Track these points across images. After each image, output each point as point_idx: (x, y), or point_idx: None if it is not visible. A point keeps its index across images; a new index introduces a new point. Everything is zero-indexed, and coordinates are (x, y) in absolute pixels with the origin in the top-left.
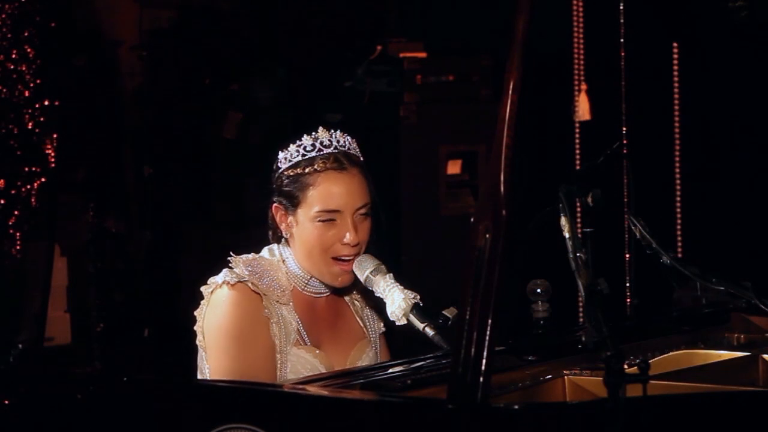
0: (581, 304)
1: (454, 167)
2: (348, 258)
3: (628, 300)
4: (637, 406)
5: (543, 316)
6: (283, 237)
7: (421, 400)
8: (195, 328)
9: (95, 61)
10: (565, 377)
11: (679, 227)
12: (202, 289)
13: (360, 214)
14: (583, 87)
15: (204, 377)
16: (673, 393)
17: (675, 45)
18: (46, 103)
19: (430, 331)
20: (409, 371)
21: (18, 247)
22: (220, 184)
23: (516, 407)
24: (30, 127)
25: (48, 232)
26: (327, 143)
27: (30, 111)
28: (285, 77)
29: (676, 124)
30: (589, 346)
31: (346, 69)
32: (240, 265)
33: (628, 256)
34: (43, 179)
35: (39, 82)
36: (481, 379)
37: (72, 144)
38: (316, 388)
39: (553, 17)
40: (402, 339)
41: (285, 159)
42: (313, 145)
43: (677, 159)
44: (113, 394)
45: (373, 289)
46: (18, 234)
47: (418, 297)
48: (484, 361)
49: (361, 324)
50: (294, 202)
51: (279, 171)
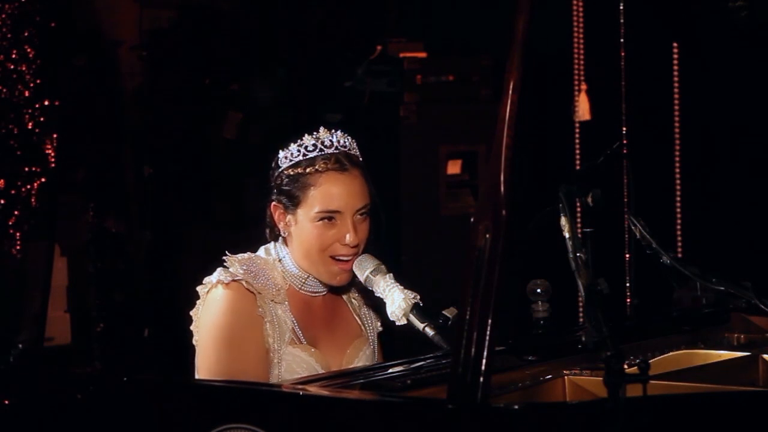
0: (581, 304)
1: (454, 167)
2: (346, 258)
3: (628, 300)
4: (637, 406)
5: (543, 316)
6: (280, 236)
7: (421, 400)
8: (191, 328)
9: (95, 61)
10: (565, 377)
11: (679, 227)
12: (198, 289)
13: (360, 214)
14: (583, 87)
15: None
16: (673, 393)
17: (675, 45)
18: (46, 103)
19: (430, 331)
20: (409, 371)
21: (18, 247)
22: (220, 184)
23: (516, 407)
24: (30, 127)
25: (48, 232)
26: (328, 143)
27: (30, 111)
28: (285, 77)
29: (676, 124)
30: (589, 346)
31: (346, 69)
32: (235, 264)
33: (628, 256)
34: (43, 179)
35: (39, 82)
36: (481, 379)
37: (72, 144)
38: (316, 388)
39: (553, 17)
40: (402, 339)
41: (285, 158)
42: (314, 145)
43: (677, 159)
44: (113, 394)
45: (373, 289)
46: (18, 234)
47: (418, 297)
48: (484, 361)
49: (359, 322)
50: (294, 201)
51: (279, 170)
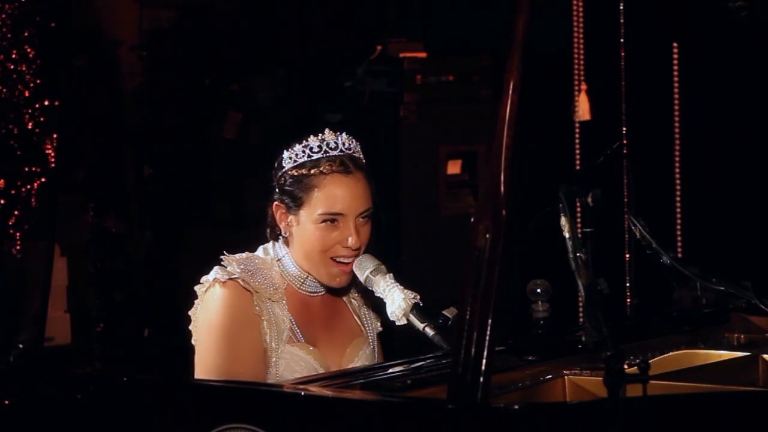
0: (581, 304)
1: (454, 167)
2: (347, 260)
3: (628, 300)
4: (637, 406)
5: (543, 316)
6: (280, 235)
7: (421, 400)
8: (190, 328)
9: (95, 61)
10: (565, 377)
11: (679, 227)
12: (196, 288)
13: (362, 217)
14: (583, 87)
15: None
16: (673, 393)
17: (675, 45)
18: (46, 103)
19: (430, 331)
20: (409, 371)
21: (18, 247)
22: (220, 184)
23: (516, 407)
24: (30, 127)
25: (48, 232)
26: (333, 145)
27: (30, 111)
28: (285, 77)
29: (676, 124)
30: (589, 346)
31: (346, 69)
32: (232, 263)
33: (628, 256)
34: (43, 179)
35: (39, 82)
36: (481, 379)
37: (72, 144)
38: (316, 388)
39: (553, 17)
40: (402, 339)
41: (290, 158)
42: (319, 147)
43: (677, 159)
44: (113, 394)
45: (373, 289)
46: (18, 234)
47: (418, 297)
48: (484, 361)
49: (359, 322)
50: (297, 202)
51: (283, 170)
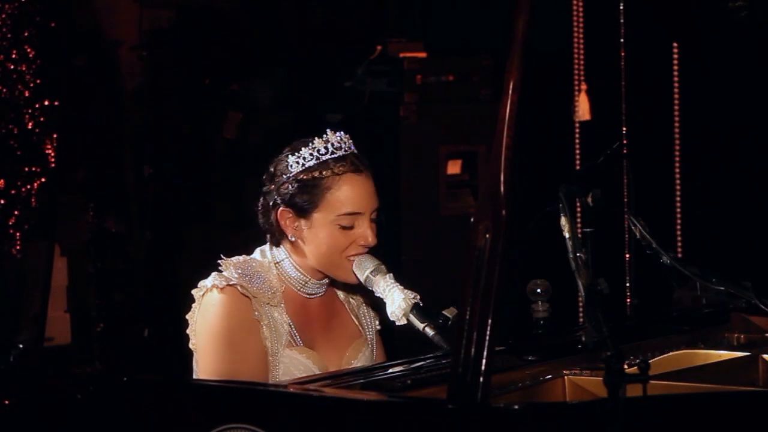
0: (581, 304)
1: (454, 167)
2: None
3: (628, 300)
4: (637, 406)
5: (543, 316)
6: (287, 240)
7: (421, 400)
8: (187, 331)
9: (95, 61)
10: (565, 377)
11: (679, 227)
12: (193, 292)
13: (374, 215)
14: (583, 87)
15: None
16: (673, 393)
17: (675, 45)
18: (46, 103)
19: (430, 331)
20: (409, 371)
21: (18, 247)
22: (220, 184)
23: (516, 407)
24: (30, 127)
25: (48, 232)
26: (338, 145)
27: (30, 111)
28: (285, 77)
29: (676, 124)
30: (589, 346)
31: (346, 69)
32: (230, 267)
33: (628, 256)
34: (43, 179)
35: (39, 82)
36: (481, 379)
37: (72, 144)
38: (316, 388)
39: (553, 17)
40: (402, 339)
41: (297, 162)
42: (326, 148)
43: (677, 159)
44: (113, 394)
45: (373, 290)
46: (18, 234)
47: (418, 297)
48: (484, 361)
49: (357, 323)
50: (309, 205)
51: (288, 175)
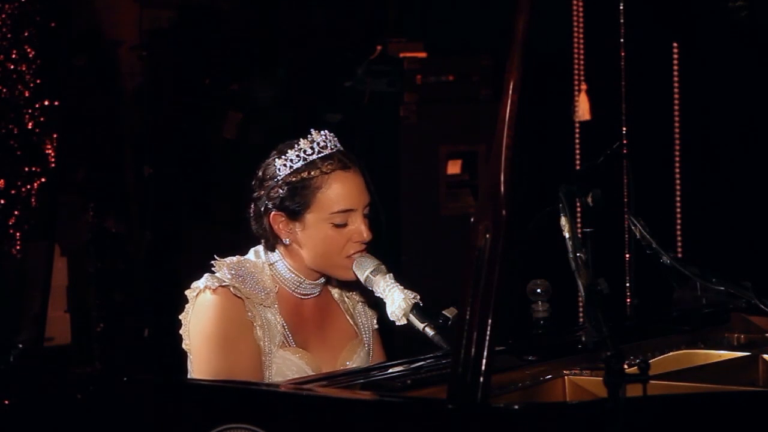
0: (581, 304)
1: (454, 167)
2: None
3: (628, 300)
4: (637, 406)
5: (543, 316)
6: (281, 244)
7: (421, 400)
8: (180, 331)
9: (95, 61)
10: (565, 377)
11: (679, 227)
12: (187, 293)
13: (366, 210)
14: (583, 87)
15: None
16: (673, 393)
17: (675, 45)
18: (46, 103)
19: (430, 331)
20: (409, 371)
21: (18, 247)
22: (220, 184)
23: (516, 407)
24: (30, 127)
25: (48, 232)
26: (323, 144)
27: (30, 111)
28: (285, 77)
29: (676, 124)
30: (589, 346)
31: (346, 69)
32: (223, 268)
33: (628, 256)
34: (43, 179)
35: (39, 82)
36: (481, 379)
37: (72, 144)
38: (316, 388)
39: (553, 17)
40: (402, 339)
41: (284, 165)
42: (311, 148)
43: (677, 159)
44: (113, 394)
45: (373, 290)
46: (18, 234)
47: (418, 297)
48: (484, 361)
49: (352, 323)
50: (301, 207)
51: (277, 179)
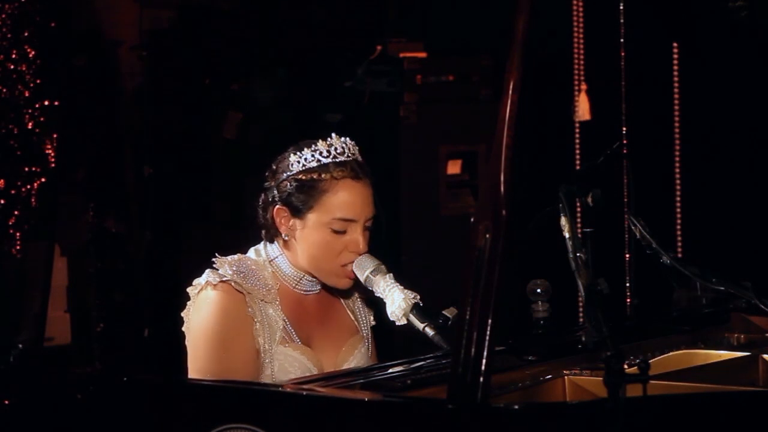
0: (581, 304)
1: (454, 167)
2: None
3: (628, 300)
4: (637, 406)
5: (543, 316)
6: (279, 238)
7: (421, 400)
8: (183, 329)
9: (95, 61)
10: (565, 377)
11: (679, 227)
12: (188, 290)
13: (368, 223)
14: (583, 87)
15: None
16: (673, 393)
17: (675, 45)
18: (46, 103)
19: (430, 331)
20: (409, 371)
21: (18, 247)
22: (220, 184)
23: (516, 407)
24: (30, 127)
25: (48, 232)
26: (341, 150)
27: (30, 111)
28: (285, 77)
29: (676, 124)
30: (589, 346)
31: (346, 69)
32: (224, 265)
33: (628, 256)
34: (43, 179)
35: (39, 82)
36: (481, 379)
37: (72, 144)
38: (316, 388)
39: (553, 17)
40: (402, 339)
41: (298, 162)
42: (328, 152)
43: (677, 159)
44: (113, 394)
45: (373, 289)
46: (18, 234)
47: (418, 297)
48: (484, 361)
49: (353, 318)
50: (305, 206)
51: (288, 174)
